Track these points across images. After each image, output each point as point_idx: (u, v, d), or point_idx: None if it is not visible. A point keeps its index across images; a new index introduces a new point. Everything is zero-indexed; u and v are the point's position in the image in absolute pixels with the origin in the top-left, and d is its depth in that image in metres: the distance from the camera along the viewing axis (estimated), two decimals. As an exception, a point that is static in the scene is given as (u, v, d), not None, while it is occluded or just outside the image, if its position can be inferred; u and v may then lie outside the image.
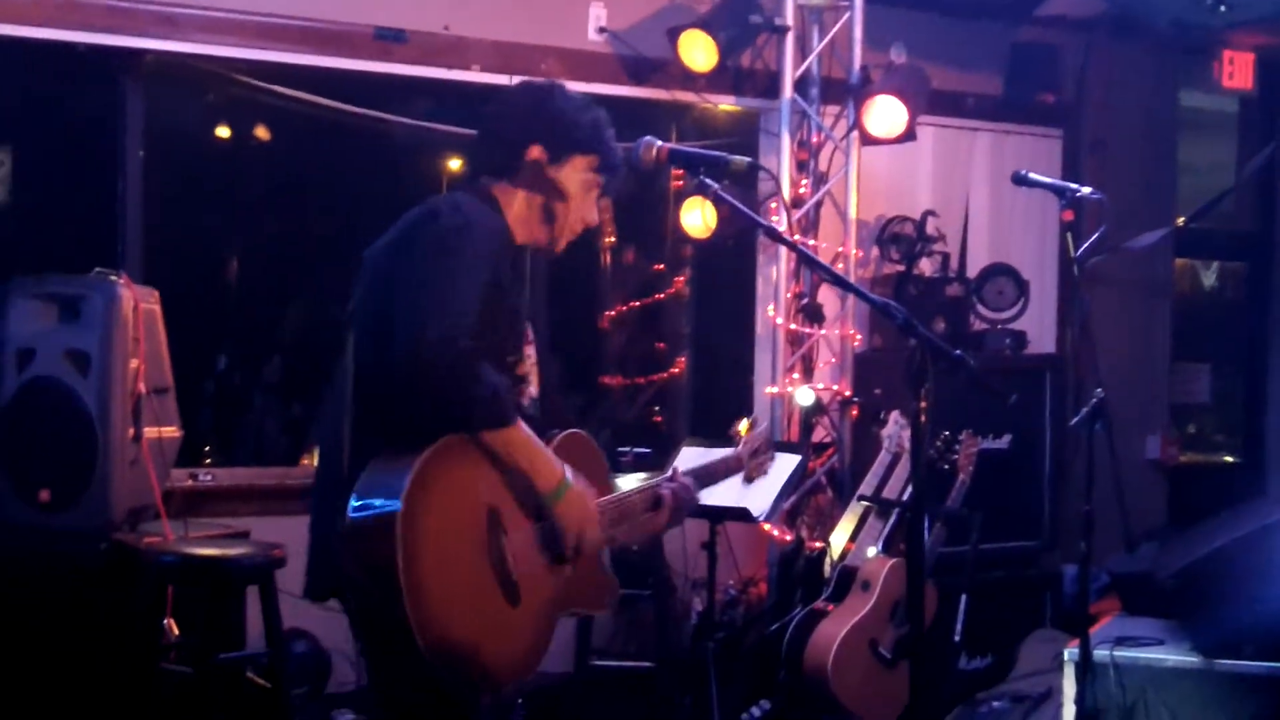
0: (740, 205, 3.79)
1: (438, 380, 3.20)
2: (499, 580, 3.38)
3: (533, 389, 3.71)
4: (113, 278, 5.58)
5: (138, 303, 5.57)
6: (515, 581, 3.42)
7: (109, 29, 6.27)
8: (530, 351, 3.73)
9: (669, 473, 4.03)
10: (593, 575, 3.73)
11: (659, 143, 3.68)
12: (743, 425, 4.64)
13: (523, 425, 3.39)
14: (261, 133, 8.13)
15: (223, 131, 8.09)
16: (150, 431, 5.60)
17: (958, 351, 3.59)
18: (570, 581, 3.62)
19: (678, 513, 3.97)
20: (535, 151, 3.66)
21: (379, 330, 3.32)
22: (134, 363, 5.53)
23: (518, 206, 3.68)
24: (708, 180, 3.68)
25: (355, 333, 3.49)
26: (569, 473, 3.52)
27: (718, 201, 3.67)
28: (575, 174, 3.71)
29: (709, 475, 4.27)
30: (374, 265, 3.54)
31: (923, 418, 3.55)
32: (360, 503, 3.23)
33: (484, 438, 3.34)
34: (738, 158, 3.63)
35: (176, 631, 5.51)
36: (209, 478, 6.58)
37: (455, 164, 9.34)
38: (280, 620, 5.49)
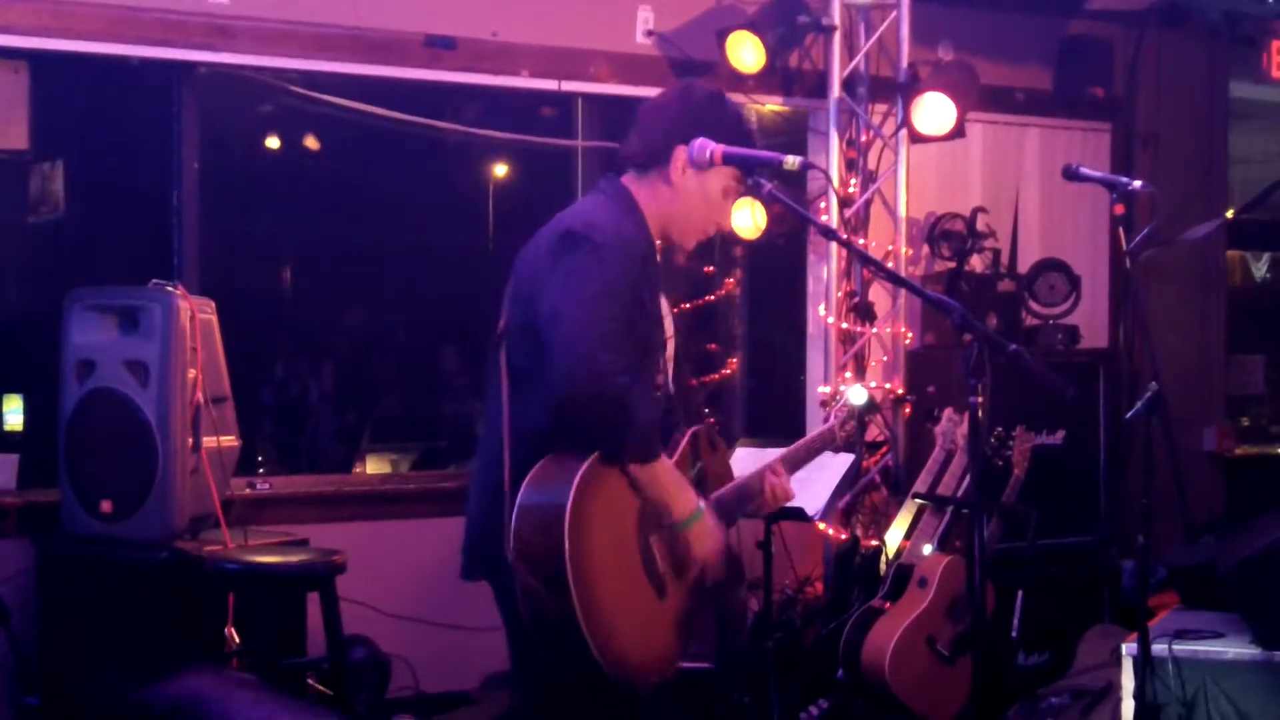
0: (794, 204, 3.82)
1: (590, 422, 3.39)
2: (648, 575, 3.58)
3: (670, 384, 3.87)
4: (170, 289, 5.63)
5: (195, 313, 5.62)
6: (662, 576, 3.61)
7: (163, 42, 6.31)
8: (670, 345, 3.89)
9: (770, 465, 4.12)
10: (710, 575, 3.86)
11: (713, 145, 3.70)
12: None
13: (664, 461, 3.57)
14: (313, 142, 8.18)
15: (275, 141, 8.15)
16: (209, 441, 5.64)
17: (1014, 346, 3.59)
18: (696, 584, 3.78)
19: (770, 503, 4.09)
20: (683, 152, 3.73)
21: (531, 350, 3.50)
22: (192, 373, 5.58)
23: (656, 202, 3.79)
24: (761, 180, 3.71)
25: (506, 343, 3.62)
26: (704, 504, 3.71)
27: (771, 201, 3.72)
28: (718, 179, 3.78)
29: (809, 454, 4.39)
30: (517, 284, 3.67)
31: (980, 413, 3.55)
32: (532, 496, 3.43)
33: (629, 467, 3.53)
34: (790, 157, 3.65)
35: (237, 640, 5.56)
36: (266, 486, 6.63)
37: (503, 170, 9.39)
38: (341, 626, 5.53)
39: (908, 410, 7.36)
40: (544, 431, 3.47)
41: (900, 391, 7.38)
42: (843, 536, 7.21)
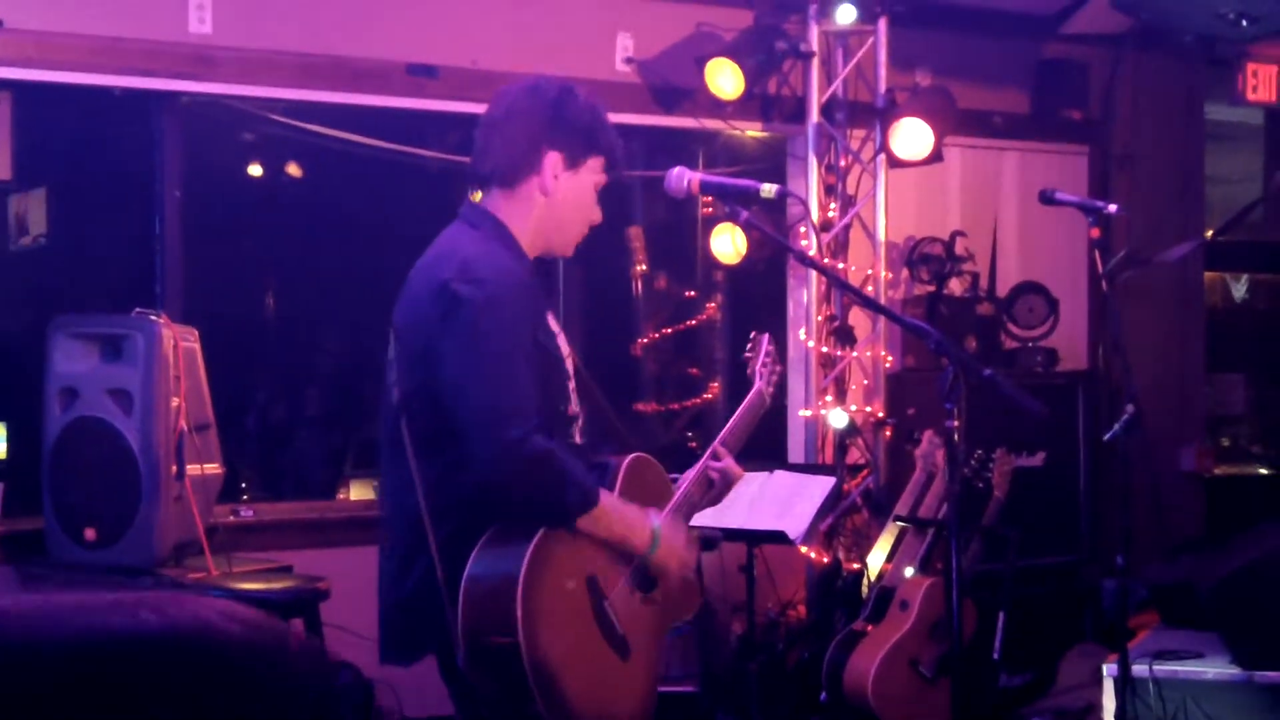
0: (771, 231, 3.84)
1: (521, 498, 3.30)
2: (609, 642, 3.46)
3: (578, 408, 3.69)
4: (153, 317, 5.65)
5: (178, 341, 5.63)
6: (623, 636, 3.50)
7: (145, 72, 6.34)
8: (569, 362, 3.69)
9: (710, 451, 4.01)
10: (678, 584, 3.76)
11: (690, 173, 3.69)
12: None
13: (604, 498, 3.44)
14: (295, 170, 8.20)
15: (257, 169, 8.17)
16: (193, 468, 5.65)
17: (988, 371, 3.63)
18: (663, 602, 3.68)
19: (727, 487, 3.97)
20: (552, 158, 3.58)
21: (434, 417, 3.37)
22: (175, 401, 5.59)
23: (528, 217, 3.61)
24: (739, 208, 3.72)
25: (407, 413, 3.46)
26: (653, 517, 3.60)
27: (749, 229, 3.71)
28: (589, 176, 3.64)
29: (747, 427, 4.17)
30: (401, 343, 3.52)
31: (957, 436, 3.59)
32: (477, 582, 3.30)
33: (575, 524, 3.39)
34: (767, 185, 3.66)
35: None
36: (250, 513, 6.64)
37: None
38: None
39: (888, 433, 7.40)
40: (466, 502, 3.35)
41: (881, 414, 7.42)
42: (825, 559, 7.23)
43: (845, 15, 7.31)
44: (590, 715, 3.34)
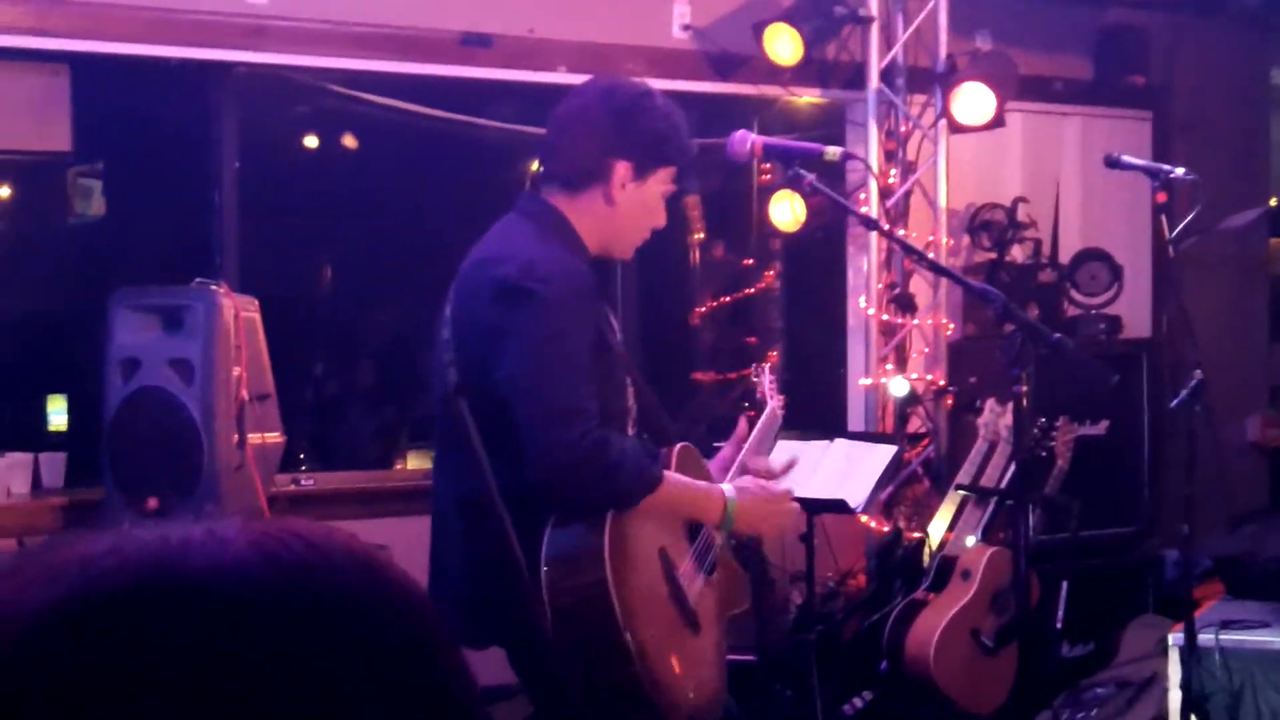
0: (837, 196, 3.80)
1: (581, 493, 3.28)
2: (682, 614, 3.45)
3: (633, 404, 3.66)
4: (213, 287, 5.65)
5: (238, 311, 5.64)
6: (693, 610, 3.48)
7: (200, 43, 6.34)
8: (629, 377, 3.66)
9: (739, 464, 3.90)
10: (729, 573, 3.74)
11: (753, 137, 3.67)
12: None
13: (668, 478, 3.41)
14: (350, 140, 8.21)
15: (313, 140, 8.17)
16: (254, 437, 5.66)
17: (1057, 335, 3.59)
18: (722, 587, 3.66)
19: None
20: (621, 168, 3.51)
21: (496, 410, 3.32)
22: (236, 370, 5.60)
23: (592, 219, 3.54)
24: (802, 172, 3.67)
25: (468, 398, 3.36)
26: (726, 490, 3.55)
27: (812, 193, 3.67)
28: (657, 186, 3.58)
29: (763, 444, 4.07)
30: (459, 332, 3.49)
31: (1024, 402, 3.55)
32: (560, 551, 3.31)
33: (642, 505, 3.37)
34: (831, 148, 3.63)
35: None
36: (310, 482, 6.65)
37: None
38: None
39: (949, 402, 7.35)
40: (537, 490, 3.33)
41: (942, 383, 7.36)
42: (885, 529, 7.20)
43: (904, -21, 7.26)
44: (677, 683, 3.35)
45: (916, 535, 6.83)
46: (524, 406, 3.28)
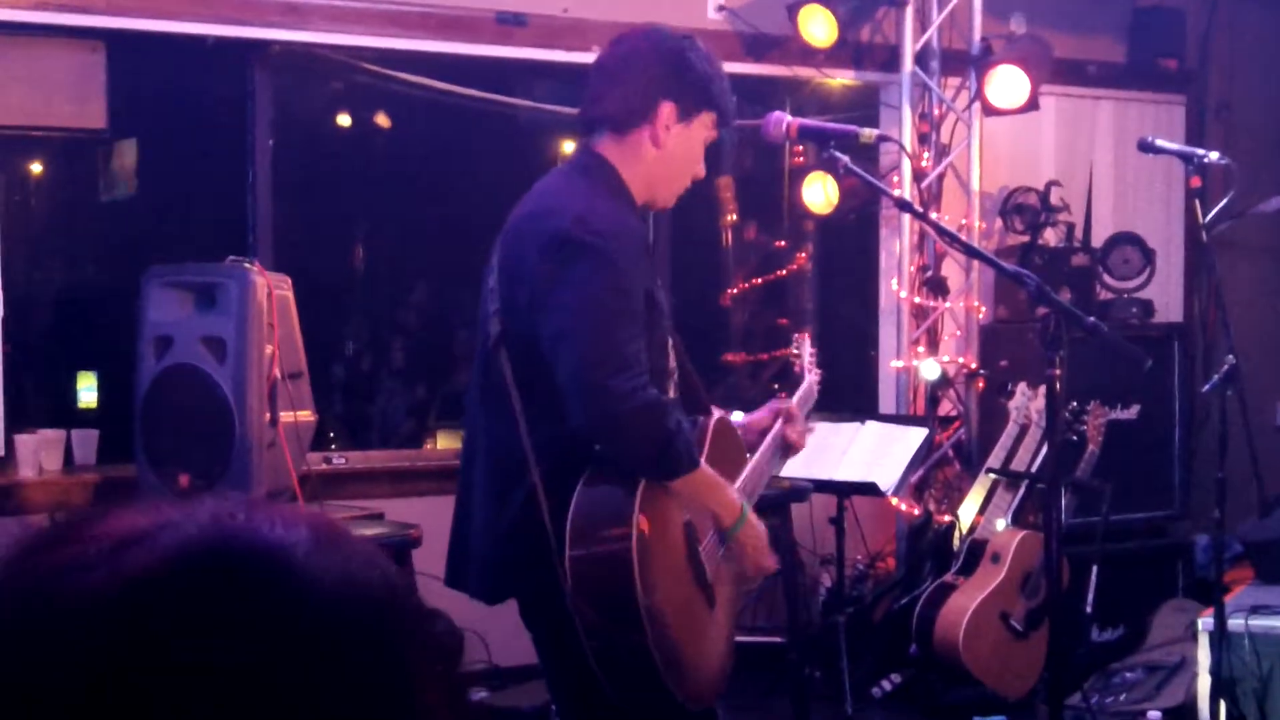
0: (871, 178, 3.79)
1: (633, 442, 3.24)
2: (700, 588, 3.45)
3: (675, 368, 3.65)
4: (247, 265, 5.66)
5: (271, 289, 5.64)
6: (711, 584, 3.49)
7: (236, 20, 6.36)
8: (671, 338, 3.65)
9: (784, 409, 3.92)
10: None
11: (789, 118, 3.66)
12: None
13: (703, 468, 3.39)
14: (384, 119, 8.22)
15: (346, 119, 8.19)
16: (286, 416, 5.67)
17: (1091, 318, 3.58)
18: (734, 565, 3.67)
19: (790, 454, 3.93)
20: (666, 108, 3.51)
21: (537, 362, 3.32)
22: (269, 348, 5.61)
23: (641, 165, 3.54)
24: (837, 154, 3.66)
25: (509, 349, 3.41)
26: (747, 504, 3.55)
27: (847, 175, 3.65)
28: (700, 130, 3.57)
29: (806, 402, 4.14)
30: (507, 283, 3.46)
31: (1058, 385, 3.55)
32: (588, 506, 3.29)
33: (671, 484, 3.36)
34: (867, 130, 3.62)
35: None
36: (342, 460, 6.68)
37: (573, 146, 9.39)
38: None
39: (981, 385, 7.34)
40: (567, 438, 3.29)
41: (973, 366, 7.36)
42: (915, 511, 7.20)
43: (939, -38, 7.24)
44: (687, 655, 3.33)
45: (947, 518, 6.84)
46: (574, 354, 3.23)
